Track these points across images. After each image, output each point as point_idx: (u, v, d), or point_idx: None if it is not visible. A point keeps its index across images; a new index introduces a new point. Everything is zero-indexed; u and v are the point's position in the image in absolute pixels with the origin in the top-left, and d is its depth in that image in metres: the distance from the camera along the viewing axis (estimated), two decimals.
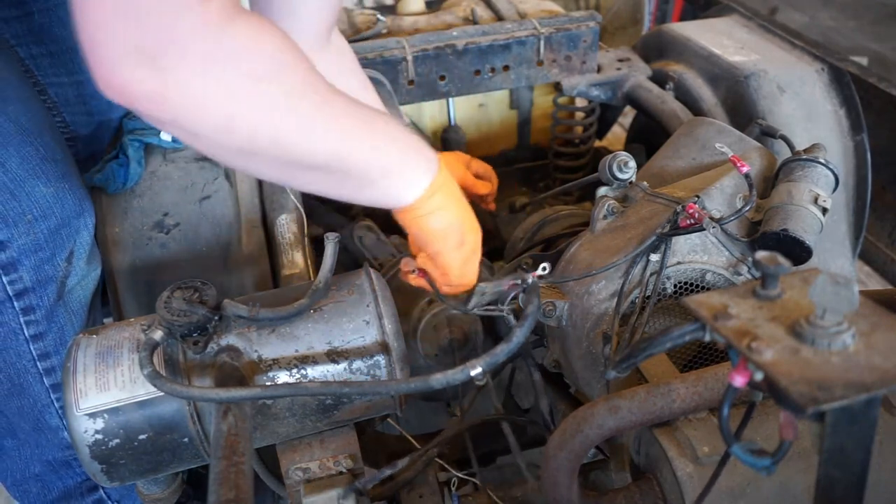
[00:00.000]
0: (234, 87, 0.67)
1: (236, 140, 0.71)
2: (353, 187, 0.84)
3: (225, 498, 0.67)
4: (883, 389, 0.49)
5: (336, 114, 0.77)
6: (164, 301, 0.86)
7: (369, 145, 0.80)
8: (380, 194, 0.86)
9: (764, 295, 0.58)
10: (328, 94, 0.76)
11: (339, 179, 0.81)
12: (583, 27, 1.52)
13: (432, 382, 0.79)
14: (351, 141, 0.78)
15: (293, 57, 0.72)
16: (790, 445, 0.56)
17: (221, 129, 0.69)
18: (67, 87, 1.38)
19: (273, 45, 0.70)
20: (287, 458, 0.98)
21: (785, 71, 1.42)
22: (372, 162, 0.81)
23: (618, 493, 0.90)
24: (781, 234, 0.97)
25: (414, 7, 1.65)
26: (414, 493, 1.09)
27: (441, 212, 0.89)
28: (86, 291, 1.14)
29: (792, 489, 0.81)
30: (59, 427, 1.16)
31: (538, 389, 1.10)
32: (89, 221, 1.12)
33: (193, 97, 0.65)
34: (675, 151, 1.18)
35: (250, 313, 0.89)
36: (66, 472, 1.21)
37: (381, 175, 0.83)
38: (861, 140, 1.40)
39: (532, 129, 1.76)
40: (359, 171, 0.81)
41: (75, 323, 1.13)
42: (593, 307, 1.01)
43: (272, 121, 0.71)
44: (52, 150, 1.07)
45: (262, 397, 0.82)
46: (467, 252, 0.94)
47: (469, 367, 0.79)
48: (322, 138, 0.76)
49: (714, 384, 0.82)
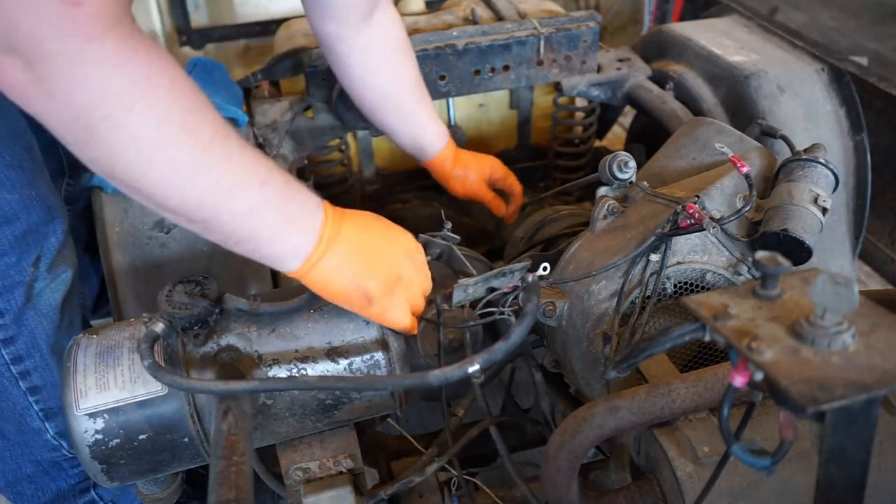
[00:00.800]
0: (93, 104, 0.65)
1: (97, 156, 0.69)
2: (228, 243, 0.80)
3: (225, 498, 0.68)
4: (883, 389, 0.49)
5: (210, 162, 0.73)
6: (165, 294, 0.87)
7: (242, 203, 0.76)
8: (258, 256, 0.82)
9: (764, 295, 0.58)
10: (207, 136, 0.72)
11: (211, 232, 0.78)
12: (583, 27, 1.52)
13: (430, 379, 0.79)
14: (219, 197, 0.74)
15: (168, 88, 0.69)
16: (790, 445, 0.56)
17: (81, 142, 0.68)
18: None
19: (147, 70, 0.67)
20: (287, 458, 0.98)
21: (785, 71, 1.42)
22: (242, 223, 0.77)
23: (618, 494, 0.90)
24: (781, 234, 0.97)
25: (414, 7, 1.65)
26: (414, 493, 1.09)
27: (332, 277, 0.85)
28: (56, 294, 1.14)
29: (792, 489, 0.81)
30: (42, 429, 1.16)
31: (538, 389, 1.10)
32: (58, 228, 1.12)
33: (53, 99, 0.64)
34: (676, 151, 1.18)
35: (251, 307, 0.90)
36: (58, 473, 1.21)
37: (251, 237, 0.79)
38: (861, 140, 1.40)
39: (532, 129, 1.76)
40: (226, 230, 0.77)
41: (46, 326, 1.12)
42: (593, 307, 1.01)
43: (129, 151, 0.68)
44: (18, 158, 1.07)
45: (261, 390, 0.82)
46: (382, 306, 0.89)
47: (467, 364, 0.78)
48: (189, 185, 0.72)
49: (714, 384, 0.82)
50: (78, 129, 0.66)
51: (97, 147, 0.68)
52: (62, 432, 1.17)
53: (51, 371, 1.13)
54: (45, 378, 1.13)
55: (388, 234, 0.93)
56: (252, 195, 0.77)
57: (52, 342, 1.13)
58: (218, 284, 0.91)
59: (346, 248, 0.85)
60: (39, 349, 1.11)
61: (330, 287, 0.86)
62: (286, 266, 0.83)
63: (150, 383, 0.88)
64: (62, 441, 1.18)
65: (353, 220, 0.88)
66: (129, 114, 0.66)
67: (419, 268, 0.95)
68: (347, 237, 0.86)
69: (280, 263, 0.83)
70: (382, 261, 0.89)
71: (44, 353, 1.12)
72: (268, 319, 0.93)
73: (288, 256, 0.82)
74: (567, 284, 1.05)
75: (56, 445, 1.18)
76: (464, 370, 0.78)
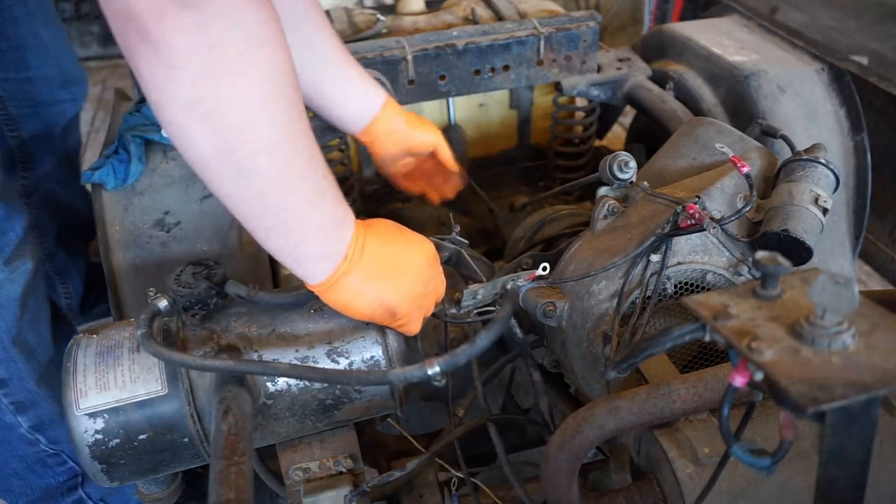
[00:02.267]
0: (235, 35, 0.65)
1: (214, 92, 0.67)
2: (275, 231, 0.78)
3: (225, 498, 0.68)
4: (883, 389, 0.49)
5: (302, 130, 0.73)
6: (176, 274, 0.90)
7: (308, 186, 0.76)
8: (294, 256, 0.81)
9: (764, 295, 0.58)
10: (299, 100, 0.73)
11: (270, 211, 0.76)
12: (583, 27, 1.52)
13: (391, 377, 0.79)
14: (297, 171, 0.74)
15: (283, 35, 0.70)
16: (790, 445, 0.57)
17: (205, 74, 0.66)
18: (15, 83, 1.45)
19: (271, 12, 0.68)
20: (287, 458, 0.98)
21: (785, 71, 1.42)
22: (301, 210, 0.76)
23: (618, 494, 0.90)
24: (782, 234, 0.97)
25: (414, 7, 1.65)
26: (414, 493, 1.09)
27: (351, 299, 0.85)
28: (15, 286, 1.14)
29: (792, 489, 0.81)
30: (15, 423, 1.16)
31: (538, 390, 1.10)
32: (17, 224, 1.13)
33: (196, 28, 0.63)
34: (676, 151, 1.18)
35: (249, 294, 0.91)
36: (45, 470, 1.21)
37: (302, 228, 0.78)
38: (861, 140, 1.40)
39: (532, 129, 1.76)
40: (289, 212, 0.76)
41: (6, 317, 1.12)
42: (593, 307, 1.01)
43: (251, 97, 0.68)
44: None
45: (242, 372, 0.83)
46: (405, 320, 0.90)
47: (427, 366, 0.77)
48: (283, 147, 0.72)
49: (714, 385, 0.82)
50: (210, 59, 0.65)
51: (220, 83, 0.66)
52: (36, 425, 1.16)
53: (15, 364, 1.12)
54: (10, 371, 1.12)
55: (410, 247, 0.92)
56: (318, 180, 0.77)
57: (14, 334, 1.12)
58: (225, 270, 0.93)
59: (371, 265, 0.85)
60: (1, 341, 1.11)
61: (352, 306, 0.86)
62: (315, 273, 0.82)
63: (151, 383, 0.88)
64: (38, 435, 1.18)
65: (375, 236, 0.87)
66: (258, 50, 0.67)
67: (437, 276, 0.95)
68: (371, 254, 0.85)
69: (313, 267, 0.82)
70: (406, 276, 0.89)
71: (5, 344, 1.11)
72: (268, 319, 0.93)
73: (308, 269, 0.82)
74: (567, 284, 1.05)
75: (33, 440, 1.18)
76: (424, 371, 0.78)
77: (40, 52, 1.48)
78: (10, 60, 1.42)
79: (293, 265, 0.82)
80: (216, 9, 0.64)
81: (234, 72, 0.66)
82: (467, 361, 0.82)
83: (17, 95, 1.46)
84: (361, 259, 0.84)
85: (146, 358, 0.90)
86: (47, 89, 1.53)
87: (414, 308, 0.90)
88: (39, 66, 1.49)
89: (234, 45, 0.65)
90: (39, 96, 1.51)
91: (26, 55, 1.45)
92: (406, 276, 0.89)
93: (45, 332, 1.19)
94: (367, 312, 0.87)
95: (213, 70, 0.65)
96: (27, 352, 1.13)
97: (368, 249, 0.85)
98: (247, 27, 0.66)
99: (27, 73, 1.44)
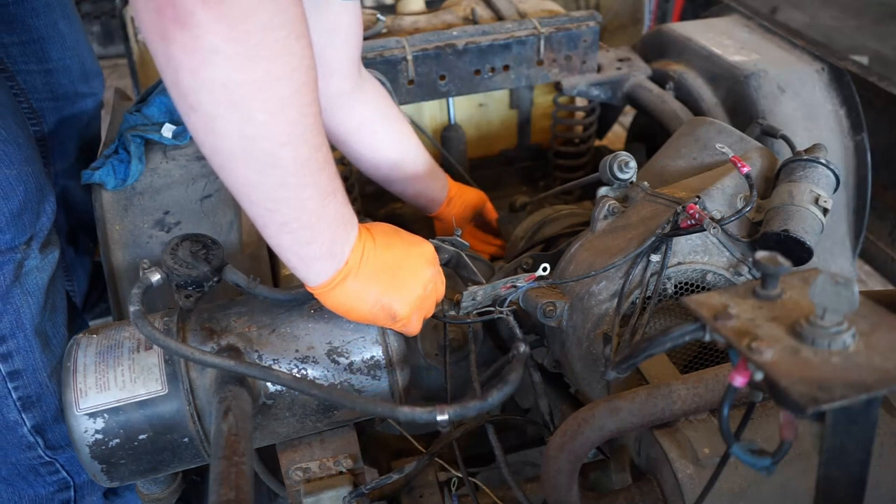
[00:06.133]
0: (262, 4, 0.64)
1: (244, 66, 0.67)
2: (288, 226, 0.78)
3: (225, 498, 0.67)
4: (883, 389, 0.49)
5: (320, 125, 0.74)
6: (171, 247, 0.88)
7: (324, 180, 0.77)
8: (302, 255, 0.81)
9: (764, 295, 0.58)
10: (316, 96, 0.74)
11: (284, 202, 0.76)
12: (583, 27, 1.52)
13: (398, 413, 0.78)
14: (315, 165, 0.75)
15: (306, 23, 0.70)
16: (790, 445, 0.56)
17: (237, 42, 0.65)
18: (36, 75, 1.44)
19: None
20: (287, 458, 0.98)
21: (785, 71, 1.42)
22: (315, 205, 0.77)
23: (618, 495, 0.90)
24: (782, 234, 0.97)
25: (414, 6, 1.65)
26: (414, 493, 1.09)
27: (352, 302, 0.86)
28: (43, 274, 1.12)
29: (792, 490, 0.81)
30: (19, 421, 1.12)
31: (538, 390, 1.10)
32: (48, 208, 1.11)
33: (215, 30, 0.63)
34: (676, 151, 1.18)
35: (247, 285, 0.91)
36: (35, 478, 1.18)
37: (312, 224, 0.78)
38: (861, 140, 1.40)
39: (532, 128, 1.76)
40: (304, 205, 0.76)
41: (32, 305, 1.10)
42: (594, 308, 1.01)
43: (281, 81, 0.68)
44: (14, 134, 1.06)
45: (243, 373, 0.82)
46: (405, 321, 0.91)
47: (437, 412, 0.77)
48: (305, 137, 0.73)
49: (714, 385, 0.82)
50: (252, 43, 0.65)
51: (256, 69, 0.67)
52: (39, 425, 1.13)
53: (33, 354, 1.11)
54: (26, 362, 1.10)
55: (410, 249, 0.93)
56: (332, 176, 0.78)
57: (37, 323, 1.11)
58: (223, 252, 0.91)
59: (370, 268, 0.86)
60: (24, 329, 1.09)
61: (350, 309, 0.87)
62: (319, 273, 0.83)
63: (151, 383, 0.88)
64: (38, 437, 1.14)
65: (376, 239, 0.89)
66: (297, 42, 0.68)
67: (437, 278, 0.96)
68: (371, 258, 0.87)
69: (318, 267, 0.83)
70: (406, 279, 0.90)
71: (28, 333, 1.10)
72: (268, 319, 0.93)
73: (326, 260, 0.82)
74: (567, 284, 1.05)
75: (32, 443, 1.14)
76: (433, 416, 0.77)
77: (60, 44, 1.48)
78: (31, 52, 1.42)
79: (298, 264, 0.82)
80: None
81: (270, 57, 0.67)
82: (468, 365, 0.81)
83: (38, 88, 1.45)
84: (362, 262, 0.85)
85: (146, 358, 0.90)
86: (68, 81, 1.52)
87: (414, 310, 0.91)
88: (60, 58, 1.49)
89: (274, 32, 0.66)
90: (60, 89, 1.50)
91: (46, 46, 1.45)
92: (406, 278, 0.90)
93: (62, 324, 1.17)
94: (368, 315, 0.88)
95: (252, 55, 0.66)
96: (45, 343, 1.12)
97: (369, 253, 0.86)
98: (289, 16, 0.67)
99: (48, 64, 1.44)
